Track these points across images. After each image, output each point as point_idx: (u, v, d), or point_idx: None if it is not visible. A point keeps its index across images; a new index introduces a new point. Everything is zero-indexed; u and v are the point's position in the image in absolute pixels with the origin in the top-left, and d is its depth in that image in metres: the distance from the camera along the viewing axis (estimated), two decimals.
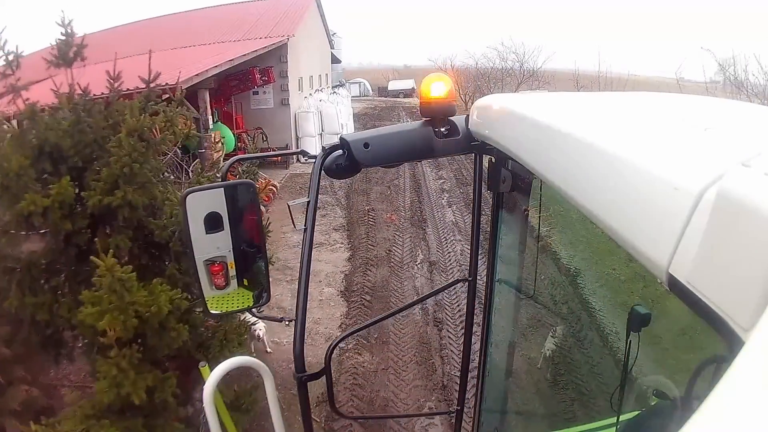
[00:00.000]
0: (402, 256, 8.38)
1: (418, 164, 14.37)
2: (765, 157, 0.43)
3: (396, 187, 12.32)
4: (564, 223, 1.42)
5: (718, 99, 0.99)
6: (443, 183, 12.59)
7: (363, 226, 9.65)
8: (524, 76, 23.64)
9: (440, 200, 11.23)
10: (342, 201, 11.17)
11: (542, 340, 1.76)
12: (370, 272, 7.85)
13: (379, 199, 11.36)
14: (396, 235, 9.24)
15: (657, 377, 1.17)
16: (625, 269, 1.22)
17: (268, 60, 13.38)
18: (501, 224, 1.43)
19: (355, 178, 13.08)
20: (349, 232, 9.41)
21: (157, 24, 19.06)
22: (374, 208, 10.67)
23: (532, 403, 1.87)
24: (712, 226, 0.42)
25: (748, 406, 0.29)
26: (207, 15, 18.78)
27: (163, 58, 11.81)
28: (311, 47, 18.45)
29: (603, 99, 1.03)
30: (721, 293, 0.41)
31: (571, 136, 0.69)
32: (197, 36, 15.11)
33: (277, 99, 14.48)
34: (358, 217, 10.16)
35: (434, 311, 6.67)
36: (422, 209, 10.60)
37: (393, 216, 10.09)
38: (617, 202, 0.57)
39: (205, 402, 1.52)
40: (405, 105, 31.05)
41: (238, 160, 1.57)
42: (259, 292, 1.37)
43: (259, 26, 15.45)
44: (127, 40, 15.69)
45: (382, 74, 46.99)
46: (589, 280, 1.62)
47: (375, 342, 6.04)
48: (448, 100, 1.26)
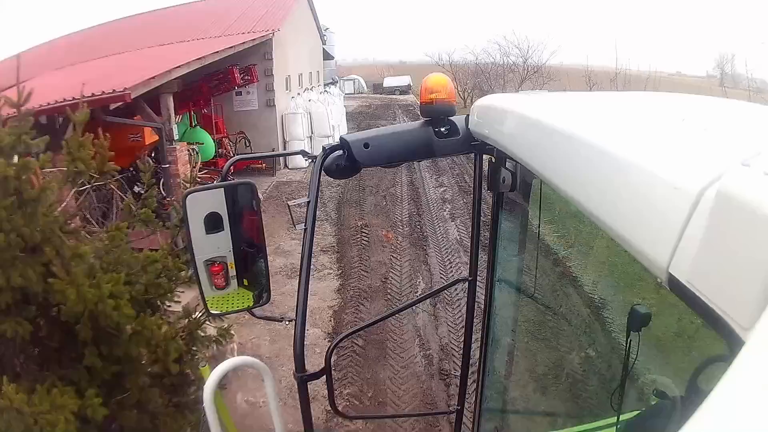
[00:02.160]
0: (400, 286, 7.25)
1: (417, 170, 13.25)
2: (765, 157, 0.43)
3: (392, 196, 11.16)
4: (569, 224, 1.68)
5: (718, 99, 0.97)
6: (444, 191, 11.42)
7: (355, 246, 8.50)
8: (528, 73, 22.24)
9: (442, 212, 10.08)
10: (332, 215, 10.00)
11: (542, 340, 1.72)
12: (364, 307, 6.71)
13: (373, 211, 10.19)
14: (393, 257, 8.10)
15: (657, 377, 1.17)
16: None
17: (251, 57, 12.19)
18: (501, 224, 1.43)
19: (347, 187, 11.91)
20: (339, 254, 8.26)
21: (136, 22, 17.76)
22: (368, 223, 9.50)
23: (532, 402, 1.84)
24: (712, 226, 0.42)
25: (748, 406, 0.30)
26: (190, 10, 17.49)
27: (128, 60, 10.67)
28: (300, 43, 17.22)
29: (603, 99, 1.06)
30: (721, 293, 0.41)
31: (571, 136, 0.70)
32: (176, 33, 13.82)
33: (262, 99, 13.30)
34: (349, 235, 9.00)
35: (439, 359, 5.57)
36: (422, 224, 9.44)
37: (389, 234, 8.95)
38: (617, 202, 0.57)
39: (205, 402, 1.50)
40: (401, 102, 29.81)
41: (240, 159, 1.57)
42: (259, 292, 1.35)
43: (243, 21, 14.21)
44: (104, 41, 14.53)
45: (377, 70, 45.63)
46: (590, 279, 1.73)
47: (370, 403, 4.95)
48: (448, 100, 1.26)
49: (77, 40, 16.11)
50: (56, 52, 14.01)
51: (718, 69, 42.74)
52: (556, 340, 1.72)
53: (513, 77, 22.46)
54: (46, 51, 15.14)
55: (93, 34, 16.81)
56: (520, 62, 22.71)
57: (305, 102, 14.62)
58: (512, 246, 1.49)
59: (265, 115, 13.29)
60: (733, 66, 43.40)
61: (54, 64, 11.24)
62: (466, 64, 26.23)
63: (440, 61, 28.50)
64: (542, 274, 1.51)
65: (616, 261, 1.21)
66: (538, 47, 22.90)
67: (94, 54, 11.77)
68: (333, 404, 1.46)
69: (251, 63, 12.16)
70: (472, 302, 1.62)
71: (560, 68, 21.89)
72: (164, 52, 9.95)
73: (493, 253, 1.46)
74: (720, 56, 40.91)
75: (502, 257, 1.48)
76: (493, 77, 23.01)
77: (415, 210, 10.24)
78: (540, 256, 1.48)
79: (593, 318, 1.63)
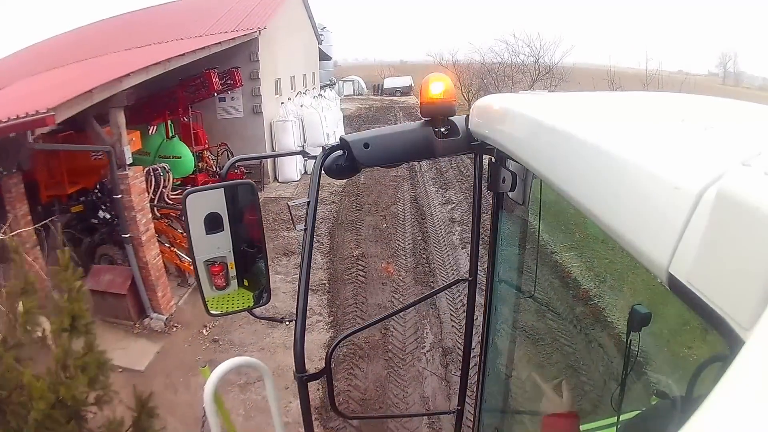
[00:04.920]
0: (404, 339, 5.91)
1: (421, 184, 11.92)
2: (765, 157, 0.43)
3: (393, 216, 9.81)
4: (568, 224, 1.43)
5: (718, 98, 0.96)
6: (452, 210, 10.06)
7: (350, 284, 7.16)
8: (540, 73, 20.64)
9: (450, 237, 8.72)
10: (323, 240, 8.65)
11: (542, 340, 1.70)
12: (359, 371, 5.38)
13: (371, 236, 8.85)
14: (395, 299, 6.76)
15: (657, 377, 1.17)
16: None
17: (234, 59, 10.87)
18: (501, 224, 1.43)
19: (342, 205, 10.58)
20: (330, 295, 6.93)
21: (115, 23, 16.45)
22: (365, 252, 8.16)
23: (532, 402, 1.70)
24: (712, 226, 0.42)
25: (748, 405, 0.30)
26: (174, 9, 16.16)
27: (73, 72, 9.25)
28: (293, 43, 15.88)
29: (603, 99, 1.06)
30: (721, 293, 0.41)
31: (571, 136, 0.69)
32: (155, 34, 12.48)
33: (247, 106, 11.97)
34: (343, 268, 7.66)
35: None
36: (428, 253, 8.09)
37: (390, 267, 7.61)
38: (617, 202, 0.57)
39: (206, 402, 1.51)
40: (402, 104, 28.44)
41: (241, 159, 1.48)
42: (259, 292, 1.35)
43: (227, 20, 12.88)
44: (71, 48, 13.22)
45: (378, 71, 44.17)
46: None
47: None
48: (448, 100, 1.25)
49: (44, 48, 14.81)
50: (12, 63, 12.74)
51: (721, 67, 41.65)
52: (556, 340, 1.66)
53: (522, 78, 20.90)
54: (14, 60, 13.88)
55: (63, 40, 15.51)
56: (530, 62, 21.08)
57: (297, 108, 13.28)
58: (512, 246, 1.48)
59: (252, 123, 11.97)
60: (736, 64, 42.40)
61: (5, 80, 9.90)
62: (471, 64, 24.67)
63: (443, 61, 26.98)
64: (542, 274, 1.46)
65: (616, 261, 1.22)
66: (551, 46, 21.33)
67: (54, 64, 10.45)
68: (333, 404, 1.47)
69: (235, 65, 10.83)
70: (472, 302, 1.61)
71: (573, 68, 20.39)
72: (125, 58, 8.60)
73: (493, 253, 1.45)
74: (723, 54, 39.72)
75: (502, 257, 1.48)
76: (501, 78, 21.45)
77: (419, 234, 8.89)
78: (540, 256, 1.42)
79: (593, 318, 1.58)
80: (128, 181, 5.80)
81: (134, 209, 5.94)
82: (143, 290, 6.70)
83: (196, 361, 6.18)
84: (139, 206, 6.01)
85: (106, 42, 12.22)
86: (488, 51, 24.03)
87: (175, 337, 6.70)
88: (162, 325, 6.80)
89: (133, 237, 6.24)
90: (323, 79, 24.99)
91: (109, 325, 6.79)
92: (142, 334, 6.77)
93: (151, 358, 6.31)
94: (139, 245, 6.33)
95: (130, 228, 6.09)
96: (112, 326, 6.78)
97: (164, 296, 6.90)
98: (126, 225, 6.07)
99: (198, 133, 11.03)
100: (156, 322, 6.85)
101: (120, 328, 6.74)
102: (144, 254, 6.41)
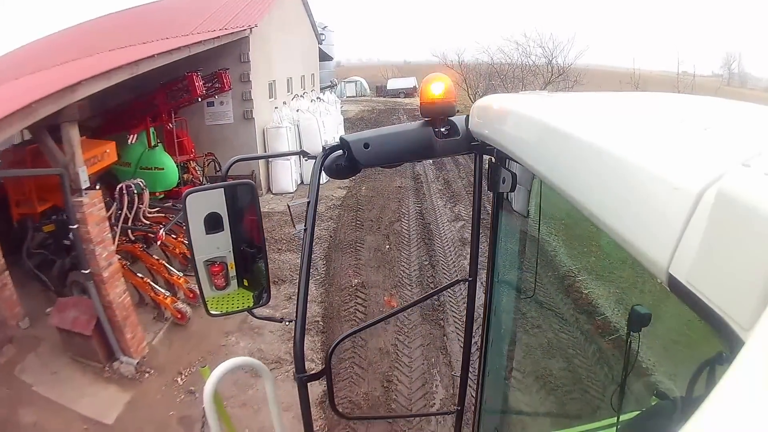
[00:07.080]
0: (409, 395, 4.92)
1: (428, 196, 10.91)
2: (765, 157, 0.43)
3: (397, 236, 8.81)
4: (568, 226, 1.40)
5: (718, 99, 0.94)
6: (463, 228, 9.04)
7: (347, 322, 6.16)
8: (553, 75, 19.46)
9: (461, 261, 7.71)
10: (319, 267, 7.66)
11: (542, 340, 1.67)
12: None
13: (373, 261, 7.85)
14: (399, 341, 5.77)
15: (657, 377, 1.17)
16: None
17: (222, 60, 9.93)
18: (501, 224, 1.41)
19: (341, 222, 9.59)
20: (324, 336, 5.94)
21: (102, 24, 15.55)
22: (366, 281, 7.16)
23: (532, 403, 1.75)
24: (712, 226, 0.41)
25: (749, 406, 0.29)
26: (163, 7, 15.23)
27: (31, 81, 8.34)
28: (290, 43, 14.92)
29: (603, 99, 1.05)
30: (721, 293, 0.40)
31: (571, 136, 0.68)
32: (139, 34, 11.54)
33: (238, 111, 11.02)
34: (340, 301, 6.67)
35: None
36: (437, 282, 7.09)
37: (393, 301, 6.61)
38: (617, 202, 0.56)
39: (206, 402, 1.50)
40: (406, 107, 27.43)
41: (241, 159, 1.45)
42: (259, 292, 1.35)
43: (217, 18, 11.94)
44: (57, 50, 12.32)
45: (381, 71, 43.13)
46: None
47: None
48: (448, 100, 1.24)
49: (19, 54, 13.91)
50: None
51: (726, 68, 40.52)
52: (556, 340, 1.62)
53: (534, 80, 19.77)
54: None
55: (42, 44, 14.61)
56: (543, 63, 19.92)
57: (292, 113, 12.31)
58: (512, 246, 1.45)
59: (243, 129, 11.02)
60: (741, 65, 41.26)
61: None
62: (477, 65, 23.55)
63: (448, 61, 25.91)
64: (542, 273, 1.42)
65: (616, 261, 1.19)
66: (565, 47, 20.13)
67: (18, 73, 9.50)
68: (333, 405, 1.48)
69: (224, 67, 9.88)
70: (472, 302, 1.61)
71: (587, 70, 19.25)
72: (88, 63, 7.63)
73: (493, 253, 1.44)
74: (727, 55, 38.64)
75: (502, 257, 1.46)
76: (510, 79, 20.33)
77: (426, 258, 7.89)
78: (539, 256, 1.38)
79: (593, 318, 1.53)
80: (84, 209, 4.83)
81: (92, 242, 4.97)
82: (110, 331, 5.75)
83: (168, 416, 5.30)
84: (98, 238, 5.04)
85: (88, 44, 11.30)
86: (497, 51, 22.94)
87: (148, 385, 5.75)
88: (132, 370, 5.85)
89: (93, 273, 5.29)
90: (324, 80, 24.01)
91: (79, 365, 5.90)
92: (112, 379, 5.84)
93: (120, 409, 5.39)
94: (101, 282, 5.38)
95: (89, 263, 5.13)
96: (83, 367, 5.88)
97: (134, 337, 5.94)
98: (85, 260, 5.11)
99: (183, 141, 10.09)
100: (126, 367, 5.89)
101: (90, 369, 5.84)
102: (107, 292, 5.45)
